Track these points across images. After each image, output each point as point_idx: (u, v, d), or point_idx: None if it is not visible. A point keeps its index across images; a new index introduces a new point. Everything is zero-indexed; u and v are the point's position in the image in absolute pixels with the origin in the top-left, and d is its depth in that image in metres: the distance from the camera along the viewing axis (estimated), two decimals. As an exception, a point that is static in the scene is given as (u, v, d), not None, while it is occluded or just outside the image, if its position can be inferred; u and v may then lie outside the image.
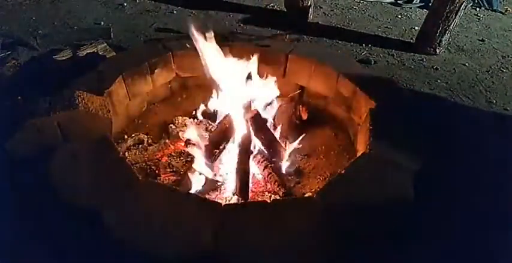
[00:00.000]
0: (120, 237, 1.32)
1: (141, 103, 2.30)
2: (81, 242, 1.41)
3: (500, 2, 4.14)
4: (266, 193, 1.86)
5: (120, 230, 1.34)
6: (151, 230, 1.34)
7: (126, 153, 1.98)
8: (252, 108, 1.96)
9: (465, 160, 2.09)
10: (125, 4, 3.69)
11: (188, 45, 2.04)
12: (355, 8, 3.95)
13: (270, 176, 1.87)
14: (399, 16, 3.85)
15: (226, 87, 1.94)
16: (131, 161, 1.92)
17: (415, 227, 1.56)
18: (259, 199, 1.82)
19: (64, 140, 1.63)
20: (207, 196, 1.76)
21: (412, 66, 3.02)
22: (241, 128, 1.90)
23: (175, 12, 3.62)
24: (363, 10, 3.92)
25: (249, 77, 1.99)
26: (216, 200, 1.73)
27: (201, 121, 2.22)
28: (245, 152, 1.86)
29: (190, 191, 1.73)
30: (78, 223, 1.40)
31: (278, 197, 1.79)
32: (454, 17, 2.98)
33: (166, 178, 1.88)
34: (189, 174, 1.79)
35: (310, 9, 3.57)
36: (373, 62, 3.01)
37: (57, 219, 1.47)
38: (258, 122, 1.92)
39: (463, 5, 2.93)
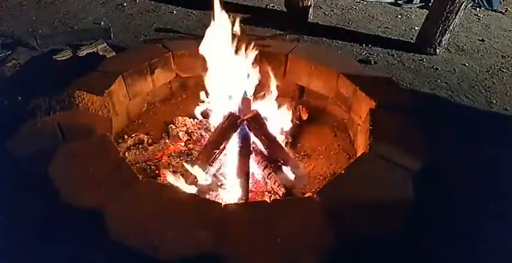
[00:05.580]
0: (119, 237, 1.32)
1: (141, 103, 2.30)
2: (81, 242, 1.41)
3: (500, 2, 4.14)
4: (266, 193, 1.86)
5: (120, 230, 1.34)
6: (151, 230, 1.34)
7: (126, 153, 1.97)
8: (252, 108, 1.95)
9: (465, 160, 2.09)
10: (125, 4, 3.69)
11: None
12: (355, 8, 3.95)
13: (270, 176, 1.87)
14: (399, 16, 3.85)
15: (225, 86, 1.94)
16: (131, 161, 1.92)
17: (415, 227, 1.56)
18: (259, 199, 1.82)
19: (64, 140, 1.63)
20: (207, 196, 1.76)
21: (412, 66, 3.02)
22: (241, 128, 1.90)
23: (175, 12, 3.62)
24: (363, 10, 3.92)
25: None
26: (216, 200, 1.73)
27: (201, 121, 2.22)
28: (245, 152, 1.86)
29: (190, 191, 1.73)
30: (78, 223, 1.40)
31: (278, 197, 1.79)
32: (454, 17, 2.98)
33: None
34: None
35: (310, 9, 3.57)
36: (373, 62, 3.02)
37: (57, 219, 1.47)
38: (257, 122, 1.92)
39: (463, 5, 2.93)
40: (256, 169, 1.93)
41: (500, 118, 2.55)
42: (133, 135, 2.10)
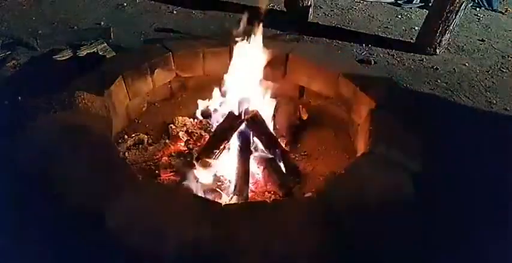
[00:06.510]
0: (119, 237, 1.32)
1: (141, 103, 2.30)
2: (81, 242, 1.41)
3: (500, 2, 4.14)
4: (266, 193, 1.86)
5: (120, 230, 1.34)
6: (151, 230, 1.34)
7: (126, 153, 1.97)
8: (252, 108, 1.96)
9: (465, 160, 2.09)
10: (125, 4, 3.68)
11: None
12: (355, 8, 3.95)
13: (270, 176, 1.87)
14: (399, 16, 3.85)
15: (228, 87, 1.94)
16: (131, 161, 1.92)
17: (415, 227, 1.56)
18: (259, 199, 1.82)
19: (64, 140, 1.63)
20: (207, 196, 1.76)
21: (412, 66, 3.02)
22: (241, 128, 1.90)
23: (175, 12, 3.62)
24: (363, 10, 3.92)
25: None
26: (216, 200, 1.73)
27: (201, 121, 2.22)
28: (245, 152, 1.86)
29: (190, 191, 1.73)
30: (78, 223, 1.40)
31: (278, 197, 1.79)
32: (454, 17, 2.98)
33: (166, 178, 1.88)
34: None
35: (310, 9, 3.56)
36: (373, 62, 3.01)
37: (57, 219, 1.47)
38: (257, 122, 1.92)
39: (463, 5, 2.93)
40: (256, 169, 1.93)
41: (500, 118, 2.55)
42: (133, 135, 2.10)
